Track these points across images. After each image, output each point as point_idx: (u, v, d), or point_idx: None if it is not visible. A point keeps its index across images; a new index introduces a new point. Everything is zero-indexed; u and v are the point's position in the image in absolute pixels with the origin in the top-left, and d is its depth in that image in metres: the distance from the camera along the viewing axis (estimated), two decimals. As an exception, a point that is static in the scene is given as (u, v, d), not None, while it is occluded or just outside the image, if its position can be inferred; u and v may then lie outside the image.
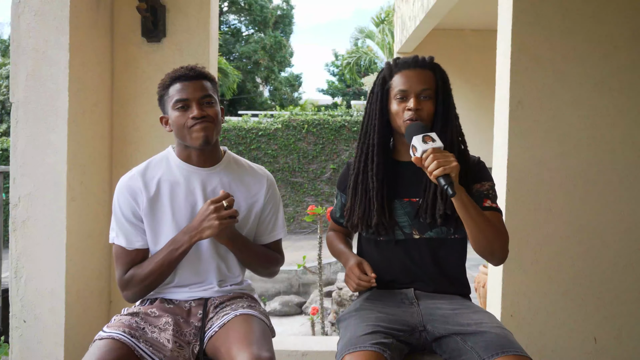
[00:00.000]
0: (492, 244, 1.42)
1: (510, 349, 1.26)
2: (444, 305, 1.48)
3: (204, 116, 1.46)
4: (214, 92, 1.54)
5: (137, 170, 1.56)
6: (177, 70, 1.52)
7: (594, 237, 2.24)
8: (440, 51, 7.61)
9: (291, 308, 7.06)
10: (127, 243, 1.52)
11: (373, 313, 1.44)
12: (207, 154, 1.56)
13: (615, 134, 2.23)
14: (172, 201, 1.53)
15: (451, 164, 1.30)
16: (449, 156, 1.32)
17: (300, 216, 10.71)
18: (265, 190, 1.63)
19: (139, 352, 1.36)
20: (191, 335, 1.50)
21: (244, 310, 1.50)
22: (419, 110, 1.46)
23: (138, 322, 1.45)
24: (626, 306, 2.25)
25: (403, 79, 1.49)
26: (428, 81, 1.49)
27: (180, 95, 1.47)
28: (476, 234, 1.40)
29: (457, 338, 1.35)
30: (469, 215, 1.38)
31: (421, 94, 1.47)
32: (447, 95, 1.52)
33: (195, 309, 1.55)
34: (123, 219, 1.52)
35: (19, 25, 2.11)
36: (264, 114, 12.23)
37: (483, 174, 1.53)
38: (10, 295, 2.15)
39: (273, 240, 1.67)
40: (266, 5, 20.37)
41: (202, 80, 1.51)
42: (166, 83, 1.51)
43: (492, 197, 1.50)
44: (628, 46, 2.22)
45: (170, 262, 1.48)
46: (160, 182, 1.53)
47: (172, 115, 1.49)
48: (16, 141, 2.12)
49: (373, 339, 1.29)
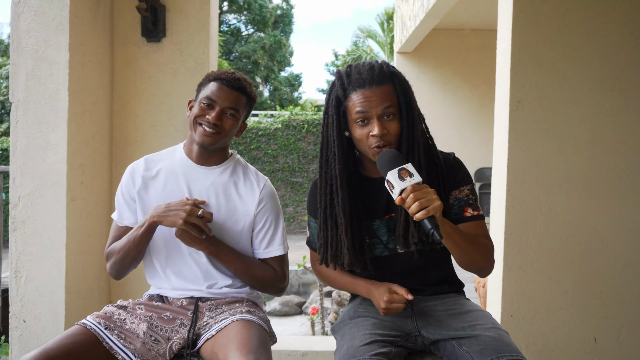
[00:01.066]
0: (478, 262, 1.40)
1: (506, 352, 1.24)
2: (438, 307, 1.46)
3: (217, 124, 1.51)
4: (244, 107, 1.58)
5: (147, 156, 1.67)
6: (227, 72, 1.56)
7: (594, 237, 2.24)
8: (440, 51, 7.62)
9: (291, 308, 7.06)
10: (118, 217, 1.62)
11: (368, 320, 1.42)
12: (208, 153, 1.60)
13: (615, 134, 2.23)
14: (164, 189, 1.59)
15: (434, 204, 1.19)
16: (429, 193, 1.20)
17: (300, 216, 10.70)
18: (257, 202, 1.60)
19: (108, 343, 1.39)
20: (173, 331, 1.50)
21: (243, 316, 1.49)
22: (384, 135, 1.33)
23: (121, 314, 1.48)
24: (626, 306, 2.25)
25: (361, 100, 1.33)
26: (389, 97, 1.33)
27: (212, 95, 1.52)
28: (461, 257, 1.37)
29: (452, 342, 1.34)
30: (454, 244, 1.33)
31: (383, 115, 1.33)
32: (409, 108, 1.37)
33: (185, 308, 1.56)
34: (120, 195, 1.62)
35: (18, 25, 2.11)
36: (263, 114, 12.22)
37: (460, 176, 1.44)
38: (10, 295, 2.15)
39: (269, 257, 1.63)
40: (266, 4, 20.36)
41: (239, 93, 1.55)
42: (210, 77, 1.56)
43: (472, 204, 1.42)
44: (628, 46, 2.22)
45: (135, 239, 1.51)
46: (161, 170, 1.61)
47: (196, 105, 1.55)
48: (16, 141, 2.12)
49: (371, 350, 1.28)
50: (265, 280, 1.61)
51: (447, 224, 1.30)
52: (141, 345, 1.42)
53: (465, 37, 7.60)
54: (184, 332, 1.49)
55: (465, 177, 1.46)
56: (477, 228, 1.42)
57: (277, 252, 1.63)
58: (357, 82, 1.34)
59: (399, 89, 1.36)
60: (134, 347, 1.41)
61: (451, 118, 7.43)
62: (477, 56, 7.31)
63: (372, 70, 1.35)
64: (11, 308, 2.15)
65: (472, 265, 1.40)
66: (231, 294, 1.61)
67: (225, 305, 1.57)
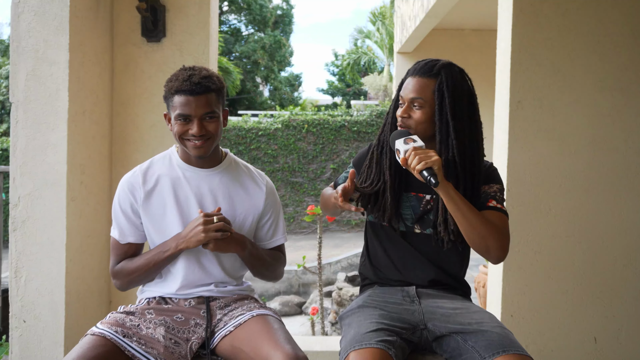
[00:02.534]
0: (486, 240, 1.41)
1: (512, 348, 1.26)
2: (445, 304, 1.48)
3: (202, 134, 1.49)
4: (218, 103, 1.53)
5: (140, 167, 1.61)
6: (185, 81, 1.48)
7: (594, 237, 2.24)
8: (440, 51, 7.62)
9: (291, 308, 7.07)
10: (120, 236, 1.58)
11: (376, 310, 1.45)
12: (205, 159, 1.59)
13: (615, 134, 2.23)
14: (173, 194, 1.57)
15: (432, 158, 1.35)
16: (429, 151, 1.37)
17: (300, 216, 10.71)
18: (265, 196, 1.64)
19: (130, 352, 1.37)
20: (189, 332, 1.50)
21: (260, 311, 1.53)
22: (404, 119, 1.49)
23: (132, 320, 1.47)
24: (626, 306, 2.25)
25: (404, 86, 1.52)
26: (422, 90, 1.47)
27: (183, 111, 1.47)
28: (468, 230, 1.40)
29: (457, 337, 1.36)
30: (458, 210, 1.39)
31: (413, 102, 1.48)
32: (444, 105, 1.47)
33: (196, 308, 1.56)
34: (120, 213, 1.57)
35: (18, 25, 2.11)
36: (263, 114, 12.22)
37: (493, 177, 1.53)
38: (10, 295, 2.15)
39: (274, 246, 1.70)
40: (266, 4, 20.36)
41: (207, 95, 1.49)
42: (172, 89, 1.50)
43: (498, 199, 1.49)
44: (628, 46, 2.22)
45: (157, 262, 1.53)
46: (160, 178, 1.58)
47: (173, 122, 1.51)
48: (16, 141, 2.12)
49: (378, 337, 1.29)
50: (277, 267, 1.68)
51: (451, 188, 1.39)
52: (164, 350, 1.41)
53: (465, 37, 7.61)
54: (200, 332, 1.50)
55: (497, 178, 1.55)
56: (497, 217, 1.45)
57: (281, 240, 1.70)
58: (412, 71, 1.52)
59: (438, 86, 1.47)
60: (157, 352, 1.40)
61: (451, 118, 7.41)
62: (477, 56, 7.31)
63: (427, 63, 1.51)
64: (11, 308, 2.15)
65: (480, 244, 1.42)
66: (236, 291, 1.63)
67: (234, 302, 1.59)
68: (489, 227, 1.41)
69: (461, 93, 1.48)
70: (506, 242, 1.45)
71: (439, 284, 1.55)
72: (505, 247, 1.44)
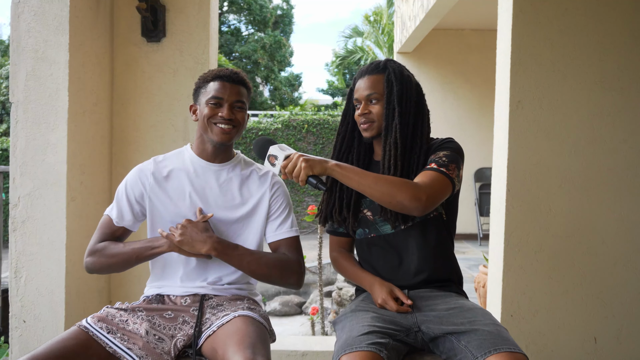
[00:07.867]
0: (394, 196, 1.39)
1: (503, 346, 1.26)
2: (439, 305, 1.48)
3: (231, 119, 1.58)
4: (247, 99, 1.66)
5: (154, 158, 1.68)
6: (223, 70, 1.62)
7: (594, 237, 2.24)
8: (440, 51, 7.62)
9: (291, 308, 7.06)
10: (117, 217, 1.61)
11: (368, 314, 1.45)
12: (221, 151, 1.66)
13: (615, 134, 2.23)
14: (183, 185, 1.62)
15: (301, 170, 1.41)
16: (294, 163, 1.43)
17: (300, 216, 10.70)
18: (271, 187, 1.69)
19: (112, 347, 1.39)
20: (175, 329, 1.50)
21: (244, 312, 1.50)
22: (367, 114, 1.57)
23: (122, 316, 1.48)
24: (626, 306, 2.25)
25: (359, 86, 1.60)
26: (375, 85, 1.57)
27: (217, 94, 1.58)
28: (371, 193, 1.42)
29: (451, 338, 1.36)
30: (353, 181, 1.42)
31: (369, 99, 1.57)
32: (394, 95, 1.55)
33: (190, 305, 1.56)
34: (124, 196, 1.61)
35: (18, 25, 2.11)
36: (263, 114, 12.21)
37: (443, 147, 1.54)
38: (10, 295, 2.15)
39: (280, 238, 1.66)
40: (266, 4, 20.35)
41: (240, 86, 1.62)
42: (208, 78, 1.61)
43: (437, 161, 1.48)
44: (628, 46, 2.22)
45: (143, 256, 1.55)
46: (173, 171, 1.64)
47: (203, 107, 1.60)
48: (16, 141, 2.12)
49: (369, 339, 1.30)
50: (281, 265, 1.59)
51: (335, 165, 1.44)
52: (144, 345, 1.42)
53: (465, 37, 7.60)
54: (187, 329, 1.50)
55: (447, 147, 1.54)
56: (423, 175, 1.46)
57: (287, 234, 1.67)
58: (358, 75, 1.63)
59: (387, 77, 1.57)
60: (137, 347, 1.41)
61: (451, 118, 7.42)
62: (477, 56, 7.30)
63: (365, 66, 1.63)
64: (11, 308, 2.15)
65: (389, 202, 1.41)
66: (233, 290, 1.63)
67: (227, 302, 1.59)
68: (395, 183, 1.41)
69: (408, 80, 1.58)
70: (419, 192, 1.39)
71: (429, 282, 1.56)
72: (417, 196, 1.38)
